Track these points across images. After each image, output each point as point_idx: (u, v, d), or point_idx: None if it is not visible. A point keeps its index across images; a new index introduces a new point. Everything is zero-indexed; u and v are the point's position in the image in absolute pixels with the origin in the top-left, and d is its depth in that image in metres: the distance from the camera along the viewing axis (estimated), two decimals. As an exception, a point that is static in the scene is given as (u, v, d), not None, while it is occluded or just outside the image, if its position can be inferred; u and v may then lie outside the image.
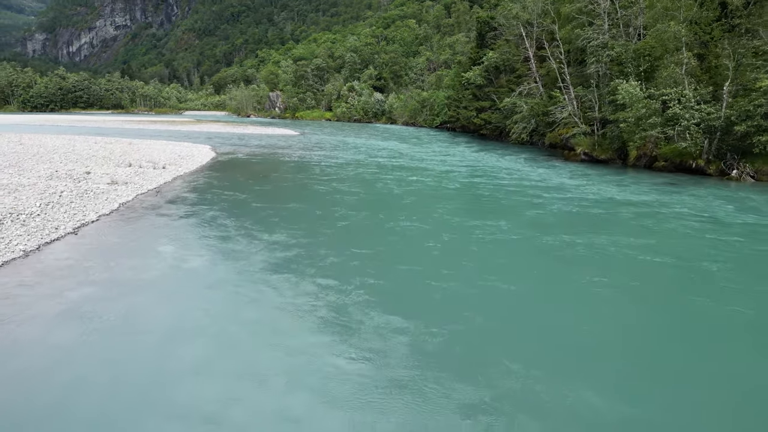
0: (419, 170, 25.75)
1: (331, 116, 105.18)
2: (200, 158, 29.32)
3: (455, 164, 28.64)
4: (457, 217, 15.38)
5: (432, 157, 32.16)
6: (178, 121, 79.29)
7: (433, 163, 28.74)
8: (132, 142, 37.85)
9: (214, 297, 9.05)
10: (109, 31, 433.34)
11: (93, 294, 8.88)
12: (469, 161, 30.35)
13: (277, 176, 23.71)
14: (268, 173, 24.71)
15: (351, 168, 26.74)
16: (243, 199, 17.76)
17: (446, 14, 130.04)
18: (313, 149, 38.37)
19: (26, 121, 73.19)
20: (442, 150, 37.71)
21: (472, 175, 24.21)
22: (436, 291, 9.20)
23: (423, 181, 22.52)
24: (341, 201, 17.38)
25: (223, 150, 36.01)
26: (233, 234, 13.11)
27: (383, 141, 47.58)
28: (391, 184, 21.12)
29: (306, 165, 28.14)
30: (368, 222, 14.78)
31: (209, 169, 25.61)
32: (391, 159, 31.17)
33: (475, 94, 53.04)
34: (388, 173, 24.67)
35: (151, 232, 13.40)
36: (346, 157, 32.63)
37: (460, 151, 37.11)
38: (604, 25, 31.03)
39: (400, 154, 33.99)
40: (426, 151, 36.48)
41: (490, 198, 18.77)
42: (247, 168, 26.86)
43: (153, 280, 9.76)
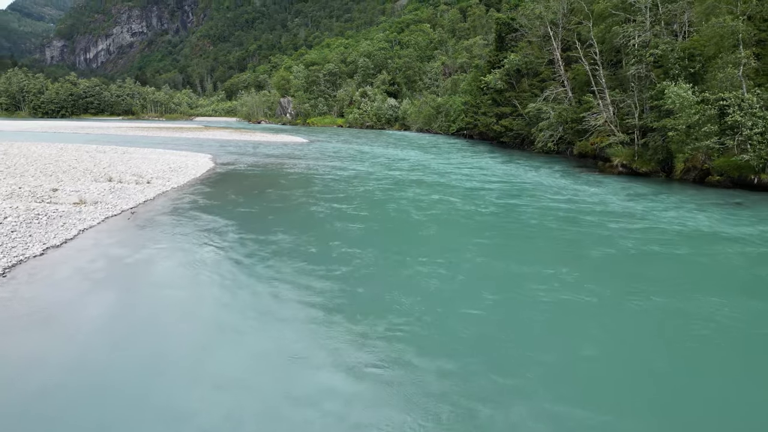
0: (441, 187, 22.46)
1: (343, 123, 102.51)
2: (194, 170, 26.50)
3: (482, 178, 25.32)
4: (499, 261, 11.78)
5: (453, 170, 28.86)
6: (186, 128, 77.18)
7: (457, 178, 25.38)
8: (127, 150, 35.27)
9: (141, 406, 5.97)
10: (125, 38, 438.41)
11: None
12: (496, 175, 27.02)
13: (274, 194, 20.70)
14: (264, 189, 21.73)
15: (360, 183, 23.64)
16: (224, 227, 14.73)
17: (461, 18, 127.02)
18: (321, 159, 35.43)
19: (30, 127, 71.58)
20: (463, 161, 34.40)
21: (506, 194, 20.89)
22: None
23: (447, 202, 19.18)
24: (344, 232, 14.24)
25: (222, 160, 33.23)
26: (193, 290, 10.09)
27: (398, 149, 44.51)
28: (408, 207, 17.91)
29: (309, 179, 25.13)
30: (376, 268, 11.11)
31: (201, 184, 22.72)
32: (408, 172, 27.98)
33: (495, 99, 49.77)
34: (404, 191, 21.50)
35: (99, 279, 10.41)
36: (356, 168, 29.59)
37: (484, 162, 33.82)
38: (645, 22, 27.64)
39: (418, 166, 30.81)
40: (446, 162, 33.25)
41: (535, 229, 15.17)
42: (243, 182, 23.94)
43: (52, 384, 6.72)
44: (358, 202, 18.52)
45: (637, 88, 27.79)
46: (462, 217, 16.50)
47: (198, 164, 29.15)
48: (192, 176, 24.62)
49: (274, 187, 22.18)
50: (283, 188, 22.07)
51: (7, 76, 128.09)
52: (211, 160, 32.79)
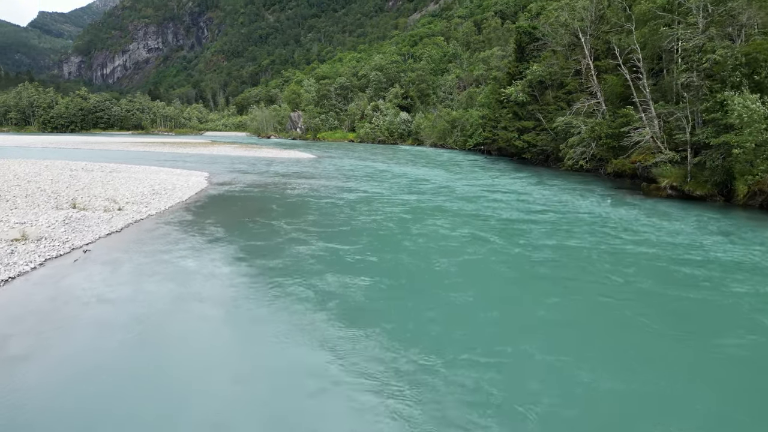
0: (471, 218, 18.60)
1: (354, 137, 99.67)
2: (182, 192, 23.31)
3: (516, 205, 21.52)
4: (584, 360, 8.00)
5: (481, 193, 25.15)
6: (191, 143, 74.76)
7: (488, 205, 21.45)
8: (117, 168, 32.36)
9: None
10: (141, 53, 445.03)
11: None
12: (531, 199, 23.28)
13: (264, 226, 17.31)
14: (255, 218, 18.37)
15: (371, 211, 20.18)
16: (193, 275, 11.36)
17: (476, 31, 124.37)
18: (327, 178, 32.15)
19: (31, 142, 69.64)
20: (489, 182, 30.63)
21: (553, 228, 16.97)
22: None
23: (482, 240, 15.13)
24: (343, 289, 10.69)
25: (219, 179, 30.10)
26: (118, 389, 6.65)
27: (413, 167, 41.10)
28: (430, 247, 14.32)
29: (311, 204, 21.75)
30: (386, 370, 7.64)
31: (185, 210, 19.47)
32: (429, 196, 24.39)
33: (516, 112, 46.31)
34: (426, 222, 17.96)
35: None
36: (365, 190, 26.20)
37: (511, 182, 30.16)
38: (698, 24, 24.08)
39: (440, 188, 27.23)
40: (471, 184, 29.62)
41: (619, 288, 10.93)
42: (233, 208, 20.63)
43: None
44: (367, 240, 14.95)
45: (689, 100, 24.12)
46: (507, 266, 12.41)
47: (189, 184, 26.01)
48: (177, 200, 21.41)
49: (267, 216, 18.80)
50: (277, 217, 18.69)
51: (17, 90, 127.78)
52: (206, 179, 29.69)
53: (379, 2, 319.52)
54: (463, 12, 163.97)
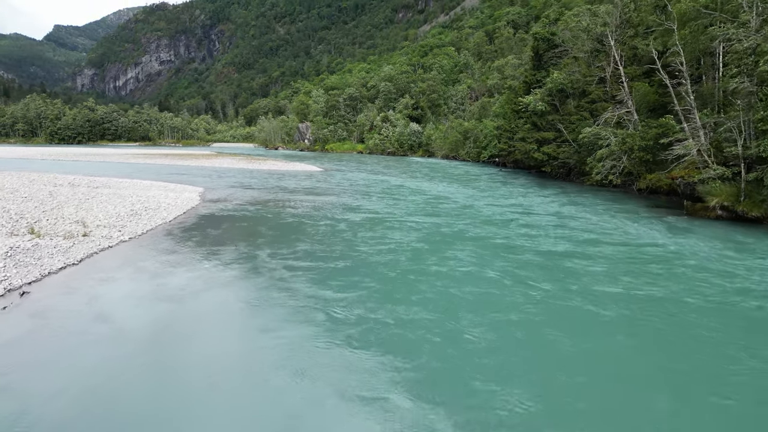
0: (504, 249, 15.34)
1: (363, 149, 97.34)
2: (167, 212, 20.74)
3: (553, 232, 18.05)
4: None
5: (509, 214, 22.10)
6: (195, 155, 72.76)
7: (522, 232, 17.75)
8: (105, 183, 30.02)
9: None
10: (154, 66, 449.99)
11: None
12: (570, 223, 20.09)
13: (246, 257, 14.62)
14: (241, 243, 15.70)
15: (377, 236, 17.41)
16: (155, 328, 8.65)
17: (487, 41, 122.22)
18: (332, 193, 29.49)
19: (31, 154, 68.02)
20: (515, 200, 27.43)
21: (610, 267, 14.07)
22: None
23: (519, 282, 11.90)
24: (334, 373, 7.92)
25: (214, 195, 27.57)
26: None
27: (428, 181, 38.33)
28: (453, 295, 11.28)
29: (308, 226, 19.04)
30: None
31: (163, 234, 16.86)
32: (443, 217, 21.49)
33: (535, 123, 43.50)
34: (443, 254, 15.12)
35: None
36: (374, 209, 23.47)
37: (537, 201, 27.13)
38: (750, 22, 21.21)
39: (456, 208, 24.33)
40: (495, 203, 26.64)
41: None
42: (219, 231, 17.93)
43: None
44: (370, 283, 11.97)
45: (741, 108, 21.18)
46: (566, 334, 8.95)
47: (178, 202, 23.46)
48: (160, 221, 18.83)
49: (255, 243, 16.10)
50: (265, 244, 16.00)
51: (25, 102, 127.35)
52: (199, 195, 27.17)
53: (389, 14, 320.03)
54: (474, 23, 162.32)
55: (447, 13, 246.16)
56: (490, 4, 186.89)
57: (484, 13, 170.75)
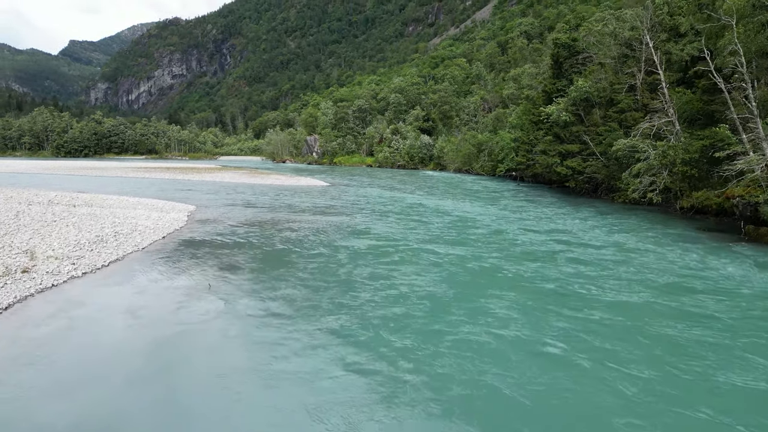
0: (549, 298, 11.59)
1: (373, 162, 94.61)
2: (142, 237, 17.82)
3: (611, 268, 14.54)
4: None
5: (545, 243, 18.52)
6: (198, 169, 70.38)
7: (565, 268, 14.11)
8: (88, 201, 27.30)
9: None
10: (166, 80, 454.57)
11: None
12: (623, 257, 16.54)
13: (213, 310, 11.59)
14: (221, 278, 12.66)
15: (385, 274, 14.28)
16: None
17: (500, 52, 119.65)
18: (336, 213, 26.48)
19: (28, 168, 66.09)
20: (547, 224, 23.64)
21: (715, 336, 10.84)
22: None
23: (609, 370, 7.86)
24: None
25: (205, 214, 24.68)
26: None
27: (445, 199, 35.14)
28: (495, 385, 7.93)
29: (303, 257, 15.97)
30: None
31: (124, 267, 13.90)
32: (469, 247, 17.87)
33: (558, 134, 40.31)
34: (472, 305, 11.80)
35: None
36: (384, 234, 20.37)
37: (575, 224, 23.59)
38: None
39: (484, 234, 20.82)
40: (523, 225, 23.29)
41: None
42: (198, 262, 14.88)
43: None
44: (369, 355, 8.78)
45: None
46: None
47: (159, 225, 20.55)
48: (130, 249, 15.91)
49: (231, 286, 13.05)
50: (247, 282, 12.97)
51: (32, 115, 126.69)
52: (188, 215, 24.28)
53: (399, 28, 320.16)
54: (486, 34, 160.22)
55: (457, 26, 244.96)
56: (501, 15, 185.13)
57: (496, 24, 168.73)
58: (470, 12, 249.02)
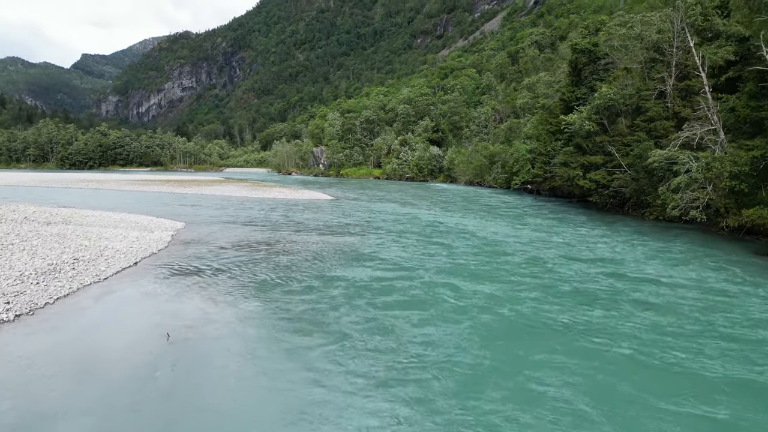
0: (639, 373, 8.23)
1: (380, 173, 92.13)
2: (107, 264, 15.19)
3: (705, 323, 11.11)
4: None
5: (589, 272, 15.27)
6: (199, 181, 68.16)
7: (638, 321, 10.61)
8: (67, 218, 24.82)
9: None
10: (176, 92, 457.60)
11: None
12: (695, 297, 13.70)
13: (176, 361, 8.90)
14: (183, 326, 9.93)
15: (393, 325, 11.49)
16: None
17: (510, 62, 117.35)
18: (340, 233, 23.77)
19: (25, 180, 64.22)
20: (591, 250, 19.01)
21: None
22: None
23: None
24: None
25: (191, 234, 22.07)
26: None
27: (461, 216, 32.25)
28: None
29: (288, 296, 13.25)
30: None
31: (70, 307, 11.23)
32: (502, 283, 13.94)
33: (579, 145, 37.46)
34: (529, 388, 8.92)
35: None
36: (395, 261, 17.60)
37: (625, 252, 20.20)
38: None
39: (515, 264, 17.36)
40: (561, 251, 19.87)
41: None
42: (153, 306, 12.16)
43: None
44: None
45: None
46: None
47: (134, 247, 17.93)
48: (89, 280, 13.31)
49: (202, 336, 10.33)
50: (213, 339, 10.24)
51: (37, 127, 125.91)
52: (172, 234, 21.69)
53: (408, 40, 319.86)
54: (495, 45, 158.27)
55: (466, 38, 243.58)
56: (511, 26, 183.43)
57: (505, 35, 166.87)
58: (479, 24, 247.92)
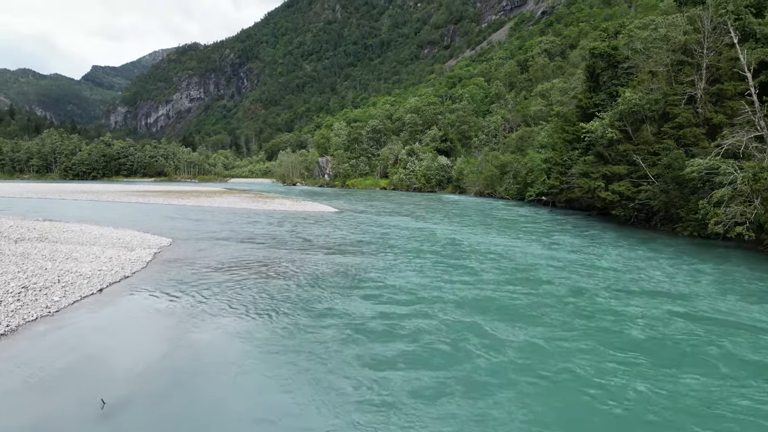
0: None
1: (387, 184, 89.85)
2: (63, 293, 12.90)
3: None
4: None
5: (659, 317, 11.67)
6: (200, 192, 66.15)
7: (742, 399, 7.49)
8: (40, 234, 22.64)
9: None
10: (184, 103, 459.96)
11: None
12: None
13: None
14: (125, 395, 7.51)
15: (395, 371, 9.00)
16: None
17: (520, 71, 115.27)
18: (345, 251, 21.36)
19: (21, 192, 62.53)
20: (649, 280, 16.53)
21: None
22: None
23: None
24: None
25: (176, 252, 19.77)
26: None
27: (481, 232, 29.65)
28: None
29: (278, 333, 10.86)
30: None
31: (4, 354, 8.86)
32: (539, 325, 10.94)
33: (601, 154, 34.93)
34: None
35: None
36: (402, 289, 15.16)
37: (678, 277, 17.57)
38: None
39: (551, 296, 14.35)
40: (604, 278, 17.15)
41: None
42: (111, 349, 9.76)
43: None
44: None
45: None
46: None
47: (104, 269, 15.63)
48: (36, 313, 11.05)
49: (146, 406, 7.92)
50: (171, 398, 7.83)
51: (41, 137, 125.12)
52: (154, 252, 19.40)
53: (415, 50, 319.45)
54: (504, 54, 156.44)
55: (473, 48, 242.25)
56: (519, 35, 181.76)
57: (514, 44, 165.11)
58: (486, 34, 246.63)
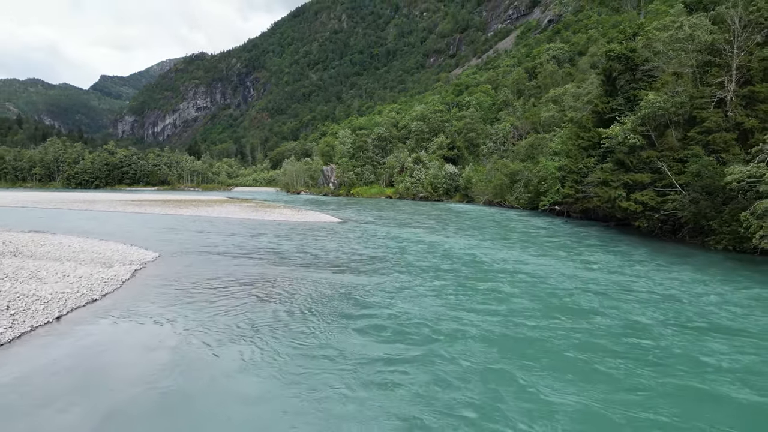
0: None
1: (392, 193, 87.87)
2: (8, 323, 10.93)
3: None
4: None
5: (748, 366, 9.51)
6: (199, 201, 64.40)
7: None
8: (17, 247, 20.80)
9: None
10: (191, 112, 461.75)
11: None
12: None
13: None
14: None
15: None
16: None
17: (527, 78, 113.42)
18: (348, 269, 19.32)
19: (19, 201, 61.04)
20: (695, 306, 14.17)
21: None
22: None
23: None
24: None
25: (161, 268, 17.82)
26: None
27: (503, 248, 27.48)
28: None
29: (261, 381, 8.78)
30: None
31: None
32: (594, 381, 8.99)
33: (621, 161, 32.79)
34: None
35: None
36: (414, 320, 13.13)
37: (746, 310, 15.77)
38: None
39: (596, 332, 12.18)
40: (647, 304, 14.89)
41: None
42: (64, 396, 7.75)
43: None
44: None
45: None
46: None
47: (68, 292, 13.69)
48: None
49: None
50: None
51: (44, 145, 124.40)
52: (136, 269, 17.46)
53: (421, 59, 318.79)
54: (511, 62, 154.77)
55: (479, 56, 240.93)
56: (526, 43, 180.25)
57: (521, 52, 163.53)
58: (492, 42, 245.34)
